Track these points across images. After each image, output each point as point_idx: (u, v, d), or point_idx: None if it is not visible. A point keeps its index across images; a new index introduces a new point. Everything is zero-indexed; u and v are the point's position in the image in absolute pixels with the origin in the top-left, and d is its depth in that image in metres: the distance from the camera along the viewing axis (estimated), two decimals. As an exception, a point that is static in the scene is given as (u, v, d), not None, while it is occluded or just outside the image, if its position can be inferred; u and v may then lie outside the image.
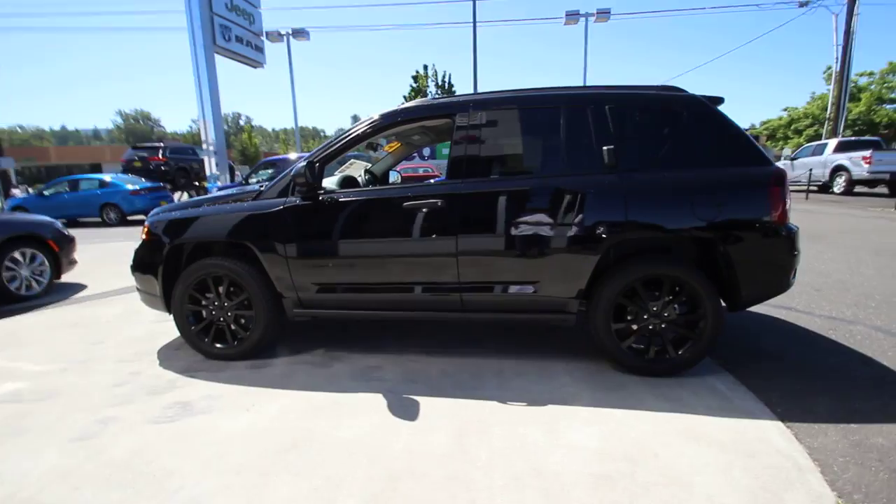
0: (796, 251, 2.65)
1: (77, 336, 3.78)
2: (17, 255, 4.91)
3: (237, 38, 16.68)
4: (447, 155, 2.93)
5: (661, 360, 2.76)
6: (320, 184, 2.98)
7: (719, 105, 2.80)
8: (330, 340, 3.52)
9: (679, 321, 2.73)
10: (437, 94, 28.16)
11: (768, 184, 2.57)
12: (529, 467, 1.95)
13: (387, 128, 3.04)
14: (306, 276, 2.99)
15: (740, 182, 2.60)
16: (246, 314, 3.15)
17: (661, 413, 2.38)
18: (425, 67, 28.27)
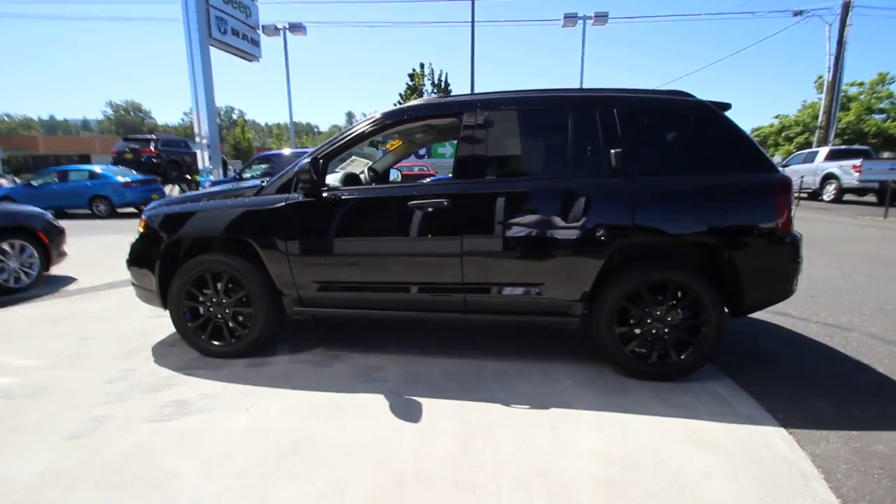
0: (800, 259, 2.67)
1: (68, 330, 3.69)
2: (5, 246, 4.79)
3: (233, 31, 16.42)
4: (443, 154, 2.90)
5: (664, 364, 2.76)
6: (324, 181, 2.94)
7: (726, 111, 2.80)
8: (328, 339, 3.47)
9: (682, 326, 2.73)
10: (434, 93, 28.09)
11: (774, 191, 2.58)
12: (536, 472, 1.93)
13: (392, 125, 3.00)
14: (307, 273, 2.94)
15: (747, 188, 2.61)
16: (244, 311, 3.09)
17: (666, 418, 2.37)
18: (422, 66, 28.20)
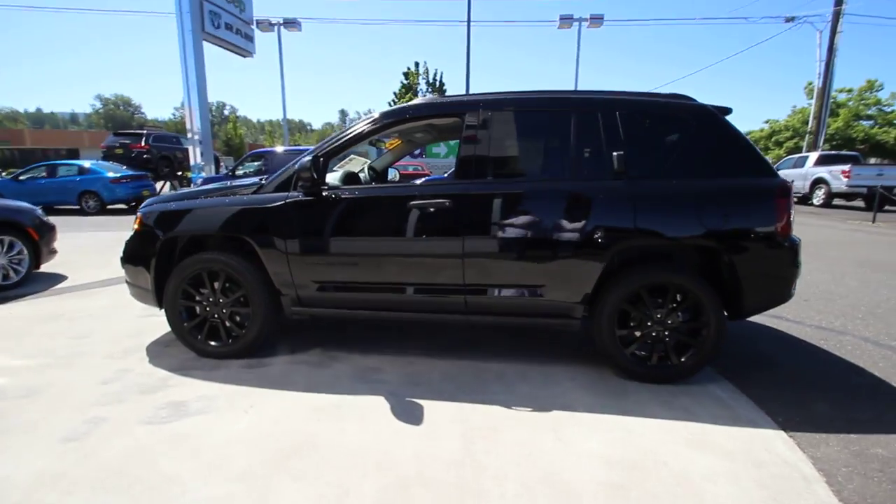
0: (799, 263, 2.69)
1: (60, 329, 3.62)
2: (-7, 242, 4.69)
3: (227, 26, 16.25)
4: (437, 154, 2.89)
5: (664, 367, 2.77)
6: (324, 179, 2.91)
7: (727, 115, 2.82)
8: (326, 340, 3.44)
9: (682, 329, 2.74)
10: (429, 92, 28.03)
11: (774, 195, 2.60)
12: (540, 475, 1.93)
13: (394, 124, 2.98)
14: (306, 273, 2.91)
15: (747, 192, 2.63)
16: (241, 311, 3.05)
17: (667, 421, 2.38)
18: (416, 65, 28.15)
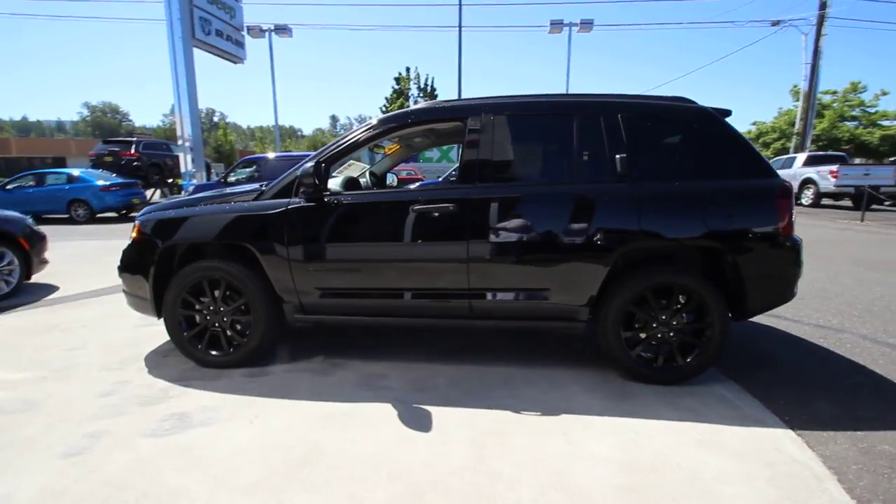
0: (800, 262, 2.71)
1: (54, 341, 3.54)
2: (-17, 253, 4.59)
3: (217, 32, 16.21)
4: (430, 158, 2.89)
5: (670, 368, 2.77)
6: (326, 185, 2.88)
7: (727, 117, 2.84)
8: (328, 347, 3.40)
9: (687, 330, 2.75)
10: (420, 97, 28.09)
11: (776, 195, 2.63)
12: (554, 480, 1.91)
13: (396, 129, 2.97)
14: (309, 280, 2.88)
15: (750, 193, 2.65)
16: (243, 319, 3.01)
17: (675, 422, 2.38)
18: (408, 70, 28.21)
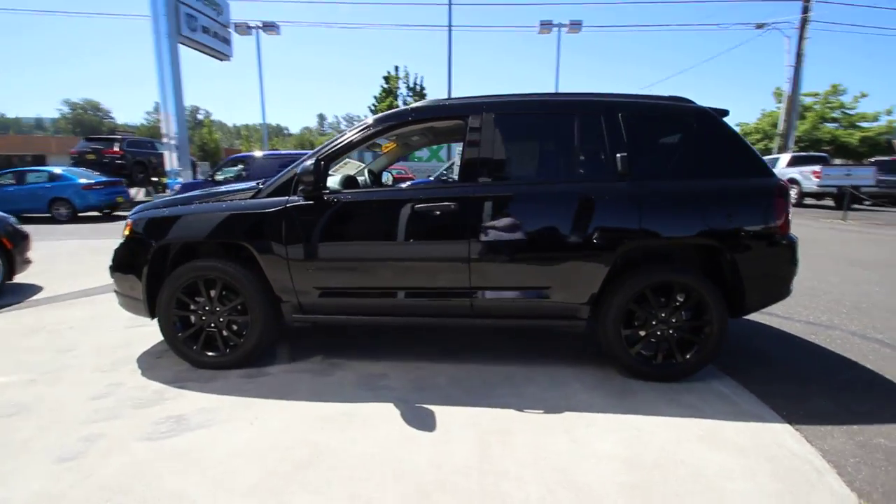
0: (797, 260, 2.76)
1: (42, 343, 3.44)
2: (-36, 253, 4.45)
3: (204, 29, 15.91)
4: (420, 157, 2.88)
5: (669, 365, 2.79)
6: (325, 183, 2.85)
7: (725, 117, 2.88)
8: (326, 347, 3.36)
9: (686, 327, 2.77)
10: (409, 96, 28.01)
11: (774, 194, 2.66)
12: (561, 478, 1.91)
13: (396, 127, 2.94)
14: (308, 279, 2.84)
15: (748, 192, 2.68)
16: (239, 320, 2.96)
17: (677, 419, 2.40)
18: (396, 69, 28.09)
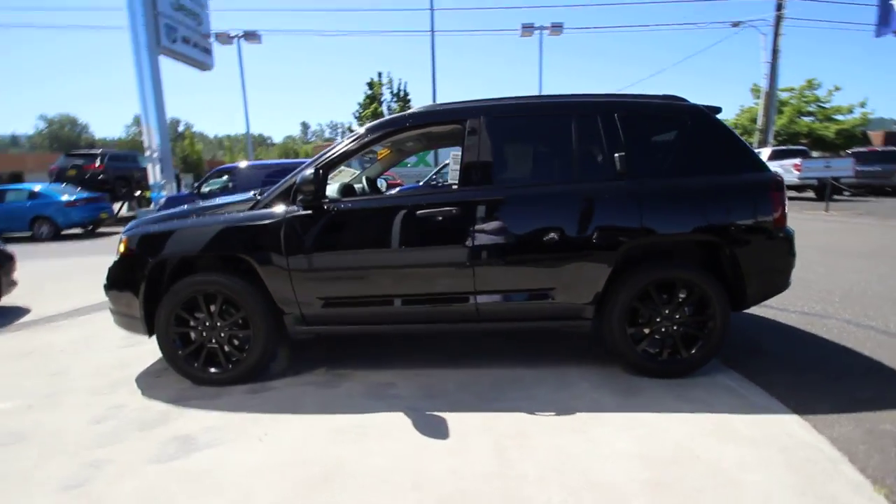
0: (794, 252, 2.81)
1: (35, 367, 3.34)
2: (-54, 276, 4.31)
3: (184, 39, 15.71)
4: (406, 163, 2.87)
5: (674, 361, 2.82)
6: (325, 192, 2.82)
7: (717, 114, 2.93)
8: (329, 358, 3.32)
9: (689, 323, 2.80)
10: (393, 102, 28.02)
11: (770, 188, 2.72)
12: (582, 479, 1.91)
13: (395, 133, 2.94)
14: (311, 289, 2.80)
15: (745, 187, 2.73)
16: (241, 334, 2.91)
17: (687, 414, 2.42)
18: (379, 75, 28.09)
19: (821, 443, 2.14)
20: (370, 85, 27.96)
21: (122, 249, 2.95)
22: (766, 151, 16.01)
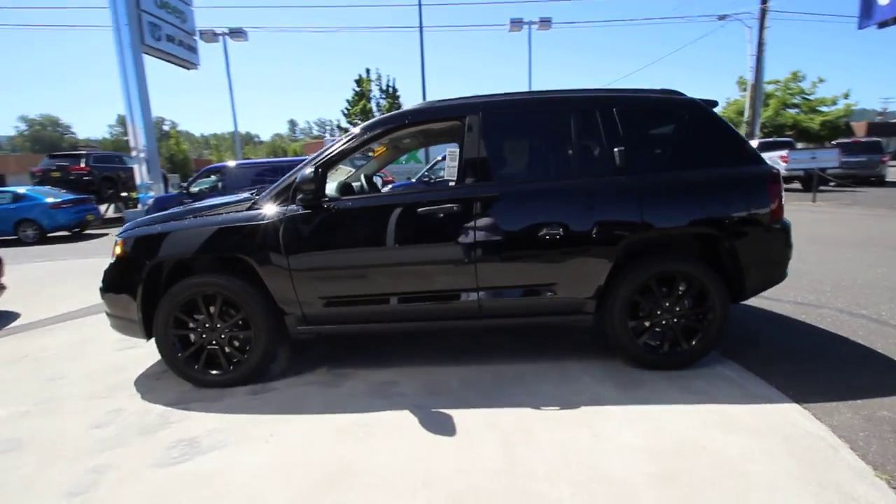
0: (791, 243, 2.85)
1: (29, 372, 3.28)
2: (-68, 282, 4.20)
3: (168, 38, 15.45)
4: (398, 160, 2.87)
5: (675, 353, 2.85)
6: (324, 191, 2.80)
7: (714, 108, 2.95)
8: (330, 357, 3.30)
9: (689, 315, 2.83)
10: (382, 98, 27.83)
11: (767, 181, 2.74)
12: (591, 473, 1.92)
13: (393, 130, 2.92)
14: (312, 289, 2.78)
15: (743, 180, 2.75)
16: (241, 335, 2.88)
17: (690, 406, 2.44)
18: (368, 72, 27.85)
19: (821, 431, 2.18)
20: (358, 82, 27.71)
21: (118, 252, 2.90)
22: (753, 144, 16.21)
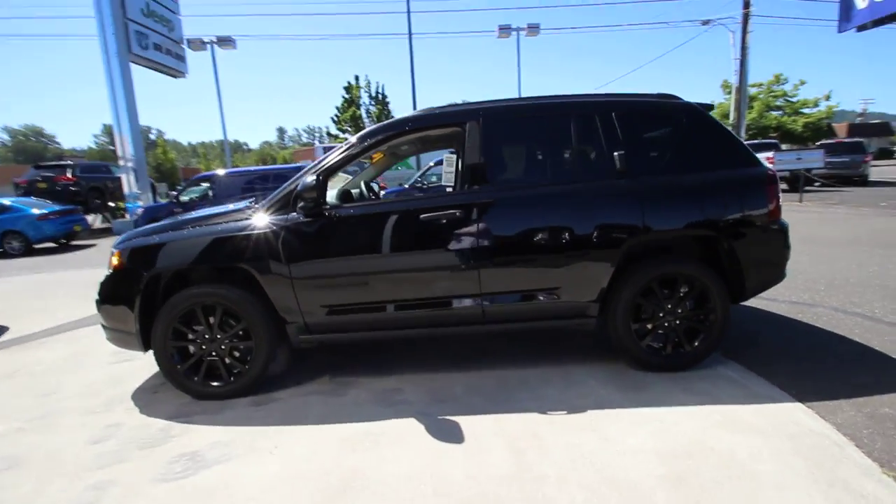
0: (789, 244, 2.89)
1: (21, 387, 3.20)
2: (-82, 297, 4.09)
3: (155, 46, 15.33)
4: (398, 167, 2.86)
5: (678, 354, 2.86)
6: (325, 199, 2.78)
7: (710, 111, 2.99)
8: (332, 366, 3.27)
9: (691, 316, 2.85)
10: (371, 105, 27.84)
11: (765, 182, 2.79)
12: (601, 477, 1.92)
13: (394, 137, 2.91)
14: (314, 298, 2.76)
15: (741, 182, 2.79)
16: (242, 346, 2.84)
17: (695, 407, 2.45)
18: (357, 78, 27.84)
19: (826, 429, 2.20)
20: (347, 89, 27.69)
21: (114, 263, 2.85)
22: (740, 146, 16.48)
